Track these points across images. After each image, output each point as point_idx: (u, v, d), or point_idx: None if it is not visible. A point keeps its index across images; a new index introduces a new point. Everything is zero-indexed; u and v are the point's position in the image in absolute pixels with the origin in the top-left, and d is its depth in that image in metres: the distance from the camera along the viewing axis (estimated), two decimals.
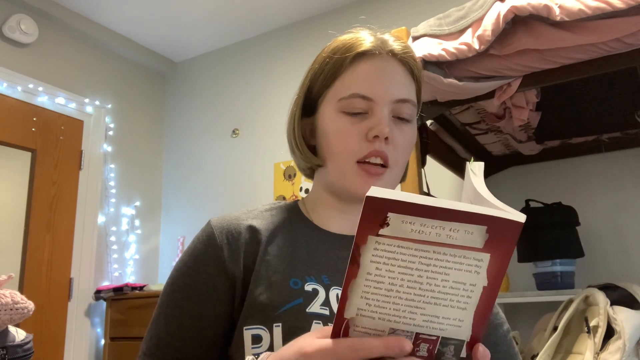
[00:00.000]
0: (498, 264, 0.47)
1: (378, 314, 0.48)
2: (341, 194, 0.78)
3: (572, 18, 1.23)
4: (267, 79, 3.38)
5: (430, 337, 0.50)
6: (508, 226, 0.46)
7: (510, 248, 0.47)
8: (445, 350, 0.51)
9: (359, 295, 0.48)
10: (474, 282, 0.48)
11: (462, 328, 0.50)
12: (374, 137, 0.72)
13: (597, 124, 2.07)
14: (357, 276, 0.47)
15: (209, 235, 0.76)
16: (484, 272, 0.47)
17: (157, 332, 0.73)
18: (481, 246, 0.46)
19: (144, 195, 3.53)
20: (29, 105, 2.96)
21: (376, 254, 0.46)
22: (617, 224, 2.23)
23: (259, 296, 0.69)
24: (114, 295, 2.97)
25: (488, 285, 0.48)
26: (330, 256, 0.76)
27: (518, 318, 2.23)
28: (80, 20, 3.23)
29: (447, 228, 0.45)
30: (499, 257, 0.47)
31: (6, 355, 1.22)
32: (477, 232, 0.46)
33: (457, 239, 0.46)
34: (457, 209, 0.45)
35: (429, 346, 0.50)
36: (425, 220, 0.45)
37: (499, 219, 0.45)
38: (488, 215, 0.45)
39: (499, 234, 0.46)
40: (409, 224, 0.45)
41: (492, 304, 0.49)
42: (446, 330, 0.50)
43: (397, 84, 0.76)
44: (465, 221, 0.45)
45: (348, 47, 0.77)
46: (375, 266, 0.47)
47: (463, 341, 0.50)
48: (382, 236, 0.46)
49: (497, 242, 0.46)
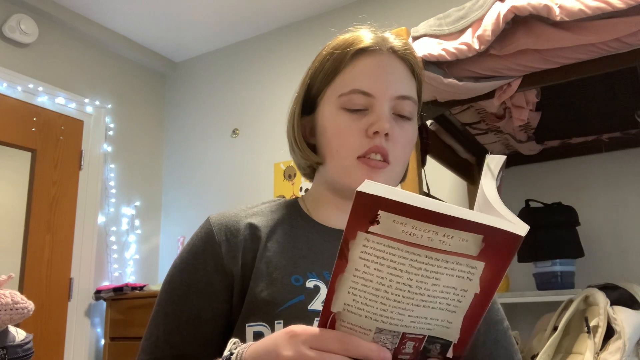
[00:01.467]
0: (493, 273, 0.45)
1: (365, 312, 0.47)
2: (342, 191, 0.78)
3: (572, 18, 1.23)
4: (267, 79, 3.38)
5: (417, 335, 0.49)
6: (507, 238, 0.43)
7: (507, 259, 0.45)
8: (431, 348, 0.50)
9: (346, 291, 0.47)
10: (465, 288, 0.46)
11: (450, 329, 0.49)
12: (374, 133, 0.72)
13: (597, 124, 2.07)
14: (344, 271, 0.46)
15: (207, 232, 0.76)
16: (477, 279, 0.46)
17: (156, 329, 0.73)
18: (476, 254, 0.44)
19: (144, 195, 3.53)
20: (29, 105, 2.95)
21: (365, 251, 0.45)
22: (617, 224, 2.23)
23: (260, 293, 0.69)
24: (114, 295, 2.97)
25: (480, 292, 0.46)
26: (331, 252, 0.75)
27: (518, 318, 2.23)
28: (80, 20, 3.23)
29: (440, 233, 0.43)
30: (494, 267, 0.45)
31: (6, 355, 1.22)
32: (472, 240, 0.43)
33: (450, 245, 0.44)
34: (452, 215, 0.42)
35: (415, 344, 0.49)
36: (417, 223, 0.43)
37: (498, 229, 0.43)
38: (485, 224, 0.43)
39: (496, 244, 0.44)
40: (400, 225, 0.43)
41: (484, 310, 0.48)
42: (433, 330, 0.49)
43: (397, 80, 0.75)
44: (460, 228, 0.43)
45: (348, 44, 0.76)
46: (363, 263, 0.45)
47: (450, 342, 0.49)
48: (372, 234, 0.44)
49: (493, 251, 0.44)
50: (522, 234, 0.43)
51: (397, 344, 0.49)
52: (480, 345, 0.75)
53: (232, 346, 0.57)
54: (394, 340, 0.49)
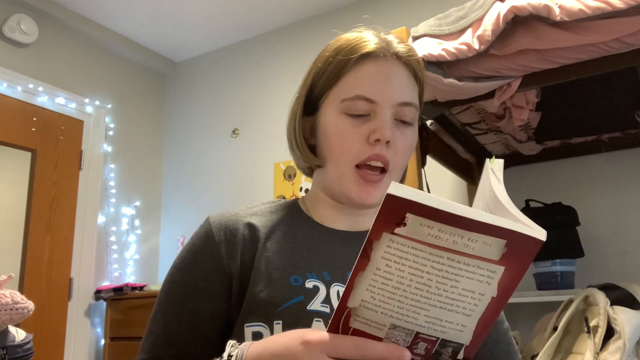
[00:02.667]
0: (511, 277, 0.46)
1: (381, 309, 0.48)
2: (338, 197, 0.78)
3: (572, 18, 1.23)
4: (267, 79, 3.38)
5: (430, 337, 0.49)
6: (528, 242, 0.44)
7: (526, 263, 0.46)
8: (443, 351, 0.50)
9: (364, 288, 0.47)
10: (483, 292, 0.47)
11: (463, 333, 0.49)
12: (375, 140, 0.72)
13: (597, 124, 2.07)
14: (365, 269, 0.47)
15: (207, 231, 0.76)
16: (496, 283, 0.46)
17: (155, 329, 0.73)
18: (497, 259, 0.45)
19: (144, 195, 3.53)
20: (29, 105, 2.96)
21: (388, 252, 0.46)
22: (617, 224, 2.23)
23: (259, 293, 0.69)
24: (114, 295, 2.97)
25: (497, 296, 0.47)
26: (331, 252, 0.75)
27: (518, 318, 2.23)
28: (80, 20, 3.23)
29: (465, 237, 0.44)
30: (513, 271, 0.46)
31: (6, 355, 1.22)
32: (496, 244, 0.44)
33: (474, 249, 0.45)
34: (480, 220, 0.43)
35: (427, 345, 0.50)
36: (444, 227, 0.44)
37: (521, 234, 0.44)
38: (511, 230, 0.43)
39: (518, 249, 0.45)
40: (426, 228, 0.44)
41: (498, 313, 0.49)
42: (447, 333, 0.49)
43: (400, 87, 0.75)
44: (486, 233, 0.44)
45: (352, 48, 0.76)
46: (385, 263, 0.46)
47: (462, 345, 0.50)
48: (397, 235, 0.45)
49: (514, 256, 0.45)
50: (543, 239, 0.44)
51: (410, 343, 0.50)
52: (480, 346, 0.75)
53: (230, 349, 0.57)
54: (407, 338, 0.49)
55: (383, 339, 0.50)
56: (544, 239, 0.44)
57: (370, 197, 0.74)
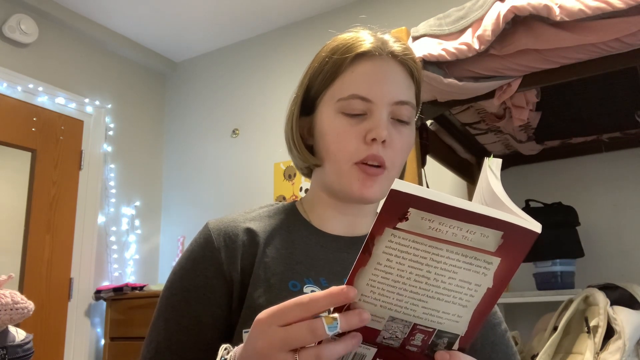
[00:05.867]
0: (506, 269, 0.48)
1: (380, 302, 0.49)
2: (339, 195, 0.78)
3: (572, 18, 1.23)
4: (267, 79, 3.38)
5: (427, 328, 0.51)
6: (524, 234, 0.46)
7: (521, 255, 0.47)
8: (439, 342, 0.52)
9: (364, 283, 0.49)
10: (479, 283, 0.49)
11: (459, 324, 0.51)
12: (371, 139, 0.72)
13: (597, 124, 2.07)
14: (366, 265, 0.48)
15: (206, 238, 0.75)
16: (491, 274, 0.48)
17: (156, 336, 0.72)
18: (494, 250, 0.47)
19: (144, 195, 3.53)
20: (29, 105, 2.96)
21: (390, 246, 0.47)
22: (617, 224, 2.23)
23: (258, 299, 0.69)
24: (114, 295, 2.97)
25: (492, 287, 0.49)
26: (328, 258, 0.76)
27: (518, 318, 2.23)
28: (80, 20, 3.23)
29: (464, 229, 0.46)
30: (508, 262, 0.48)
31: (6, 355, 1.22)
32: (493, 236, 0.46)
33: (471, 241, 0.46)
34: (478, 212, 0.45)
35: (424, 337, 0.51)
36: (444, 220, 0.45)
37: (517, 226, 0.45)
38: (507, 222, 0.45)
39: (514, 241, 0.46)
40: (427, 221, 0.46)
41: (493, 304, 0.50)
42: (444, 324, 0.51)
43: (396, 86, 0.75)
44: (484, 225, 0.45)
45: (348, 47, 0.76)
46: (386, 257, 0.47)
47: (458, 335, 0.52)
48: (399, 229, 0.46)
49: (509, 247, 0.47)
50: (539, 231, 0.46)
51: (407, 334, 0.51)
52: (478, 348, 0.75)
53: (223, 352, 0.57)
54: (405, 330, 0.51)
55: (381, 331, 0.51)
56: (539, 231, 0.46)
57: (369, 191, 0.74)
